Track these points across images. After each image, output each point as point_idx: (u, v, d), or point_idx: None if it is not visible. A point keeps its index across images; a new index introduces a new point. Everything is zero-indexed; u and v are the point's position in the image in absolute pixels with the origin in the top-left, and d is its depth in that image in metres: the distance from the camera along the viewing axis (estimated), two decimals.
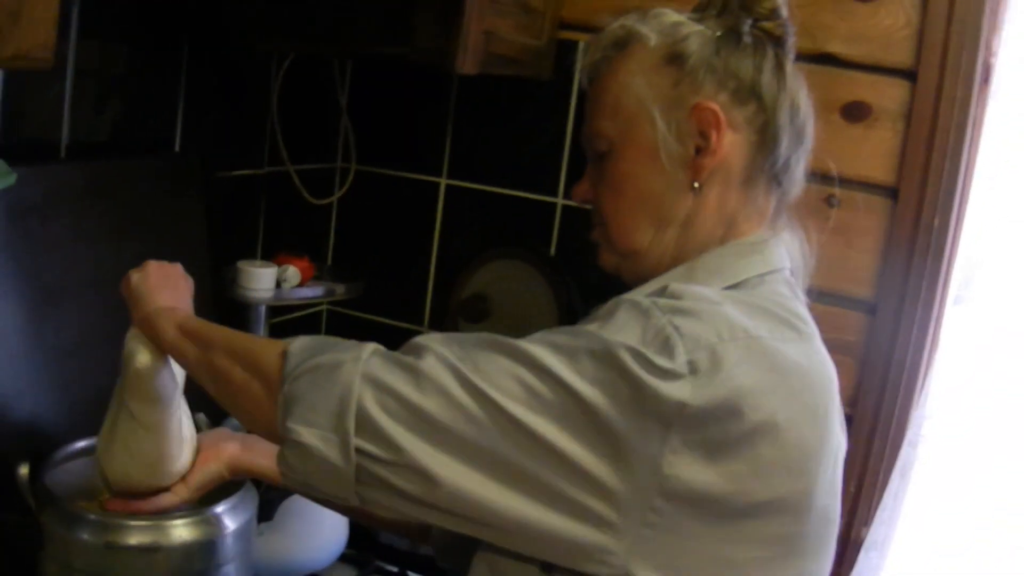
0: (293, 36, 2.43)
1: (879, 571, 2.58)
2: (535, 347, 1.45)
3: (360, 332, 3.09)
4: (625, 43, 1.75)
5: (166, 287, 1.89)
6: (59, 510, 1.82)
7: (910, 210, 2.52)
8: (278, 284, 2.72)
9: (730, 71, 1.68)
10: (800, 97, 1.74)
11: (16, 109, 2.15)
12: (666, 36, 1.72)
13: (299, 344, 1.55)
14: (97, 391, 2.14)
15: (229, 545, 1.90)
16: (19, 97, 2.14)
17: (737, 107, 1.68)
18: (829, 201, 2.59)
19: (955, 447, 2.63)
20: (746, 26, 1.71)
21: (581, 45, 1.76)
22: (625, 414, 1.38)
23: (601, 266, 1.79)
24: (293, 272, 2.74)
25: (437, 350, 1.46)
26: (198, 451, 1.94)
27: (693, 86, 1.68)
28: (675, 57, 1.70)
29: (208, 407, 1.95)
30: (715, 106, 1.66)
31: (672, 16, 1.74)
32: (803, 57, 2.49)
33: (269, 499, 2.04)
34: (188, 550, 1.86)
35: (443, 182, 3.07)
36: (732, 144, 1.68)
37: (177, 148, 2.54)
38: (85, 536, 1.80)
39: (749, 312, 1.50)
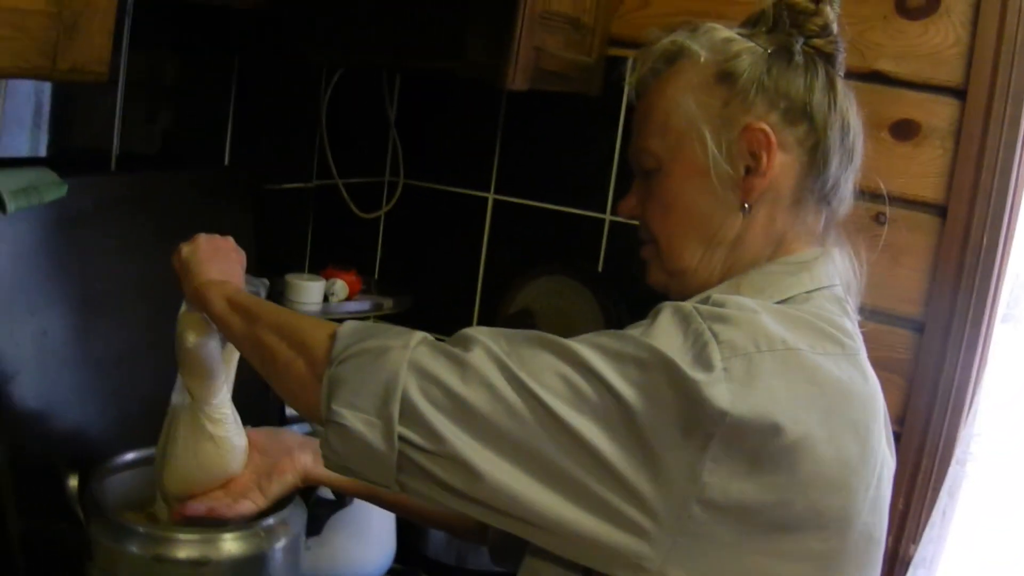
0: (344, 49, 2.44)
1: None
2: (582, 347, 1.45)
3: None
4: (674, 58, 1.74)
5: (216, 259, 1.90)
6: (108, 521, 1.83)
7: (959, 228, 2.51)
8: (326, 298, 2.73)
9: (781, 91, 1.67)
10: (851, 115, 1.72)
11: (68, 120, 2.18)
12: (716, 53, 1.70)
13: (348, 327, 1.56)
14: (145, 401, 2.16)
15: (278, 560, 1.90)
16: (71, 109, 2.17)
17: (788, 128, 1.67)
18: (878, 219, 2.59)
19: (1004, 465, 2.62)
20: (797, 44, 1.70)
21: (630, 61, 1.75)
22: (665, 420, 1.39)
23: (650, 284, 1.78)
24: (341, 286, 2.75)
25: (485, 342, 1.47)
26: (273, 463, 1.95)
27: (744, 106, 1.67)
28: (726, 76, 1.68)
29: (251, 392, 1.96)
30: (766, 127, 1.65)
31: (723, 32, 1.73)
32: (852, 75, 2.49)
33: (317, 514, 2.04)
34: (237, 564, 1.86)
35: (491, 197, 3.08)
36: (782, 165, 1.66)
37: (226, 161, 2.55)
38: (134, 548, 1.80)
39: (790, 324, 1.50)
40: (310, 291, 2.67)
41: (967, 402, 2.58)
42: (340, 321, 2.63)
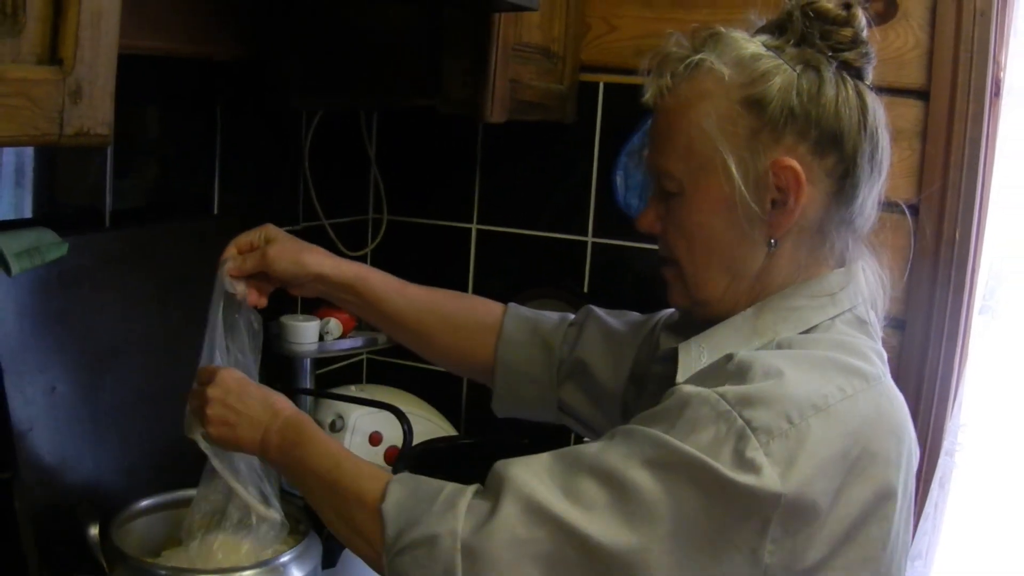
0: (324, 93, 2.47)
1: None
2: (621, 462, 1.45)
3: (401, 379, 3.14)
4: (696, 74, 1.65)
5: (243, 397, 1.87)
6: (129, 567, 1.87)
7: (931, 225, 2.56)
8: (321, 337, 2.76)
9: (812, 119, 1.59)
10: (880, 130, 1.66)
11: (60, 180, 2.21)
12: (743, 72, 1.62)
13: (392, 504, 1.58)
14: (154, 448, 2.21)
15: None
16: (62, 168, 2.21)
17: (817, 159, 1.60)
18: None
19: (991, 453, 2.66)
20: (828, 61, 1.62)
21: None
22: (719, 523, 1.41)
23: (673, 305, 1.77)
24: (335, 324, 2.79)
25: (520, 489, 1.49)
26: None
27: (773, 136, 1.59)
28: (755, 103, 1.60)
29: None
30: (796, 164, 1.58)
31: (747, 46, 1.65)
32: None
33: (331, 546, 2.08)
34: None
35: (474, 227, 3.11)
36: (810, 198, 1.60)
37: (215, 209, 2.59)
38: None
39: (816, 371, 1.50)
40: (306, 331, 2.70)
41: (952, 394, 2.62)
42: (334, 360, 2.67)
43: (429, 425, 2.94)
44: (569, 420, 2.09)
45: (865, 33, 1.66)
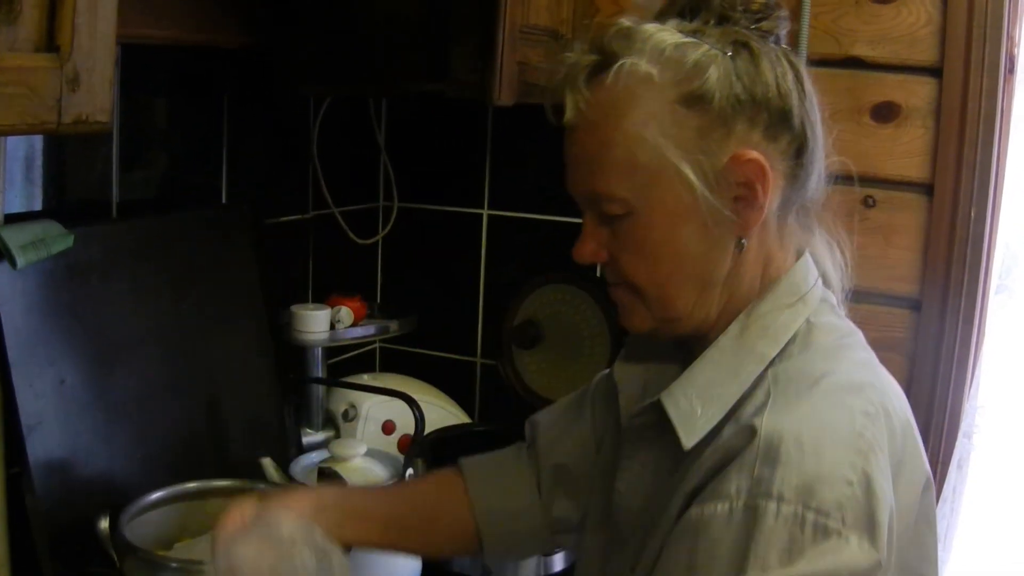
0: (331, 80, 2.46)
1: (944, 564, 2.59)
2: None
3: (414, 367, 3.13)
4: (616, 79, 1.51)
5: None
6: (140, 560, 1.87)
7: (946, 204, 2.54)
8: (332, 325, 2.75)
9: (757, 101, 1.50)
10: (814, 95, 1.58)
11: (66, 172, 2.21)
12: (672, 68, 1.49)
13: None
14: (164, 440, 2.21)
15: None
16: (68, 160, 2.20)
17: (772, 143, 1.52)
18: (866, 202, 2.62)
19: (1010, 434, 2.65)
20: (755, 36, 1.52)
21: (550, 81, 1.66)
22: None
23: (631, 329, 1.63)
24: (346, 312, 2.78)
25: None
26: None
27: (723, 130, 1.49)
28: (696, 99, 1.48)
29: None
30: (757, 155, 1.49)
31: (665, 36, 1.51)
32: (829, 62, 2.54)
33: None
34: None
35: (485, 213, 3.10)
36: (773, 185, 1.52)
37: (224, 199, 2.58)
38: None
39: (835, 409, 1.43)
40: (317, 320, 2.69)
41: (968, 375, 2.61)
42: (345, 349, 2.65)
43: (442, 413, 2.92)
44: (562, 538, 1.99)
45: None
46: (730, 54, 1.50)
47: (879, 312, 2.64)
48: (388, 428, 2.82)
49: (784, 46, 1.57)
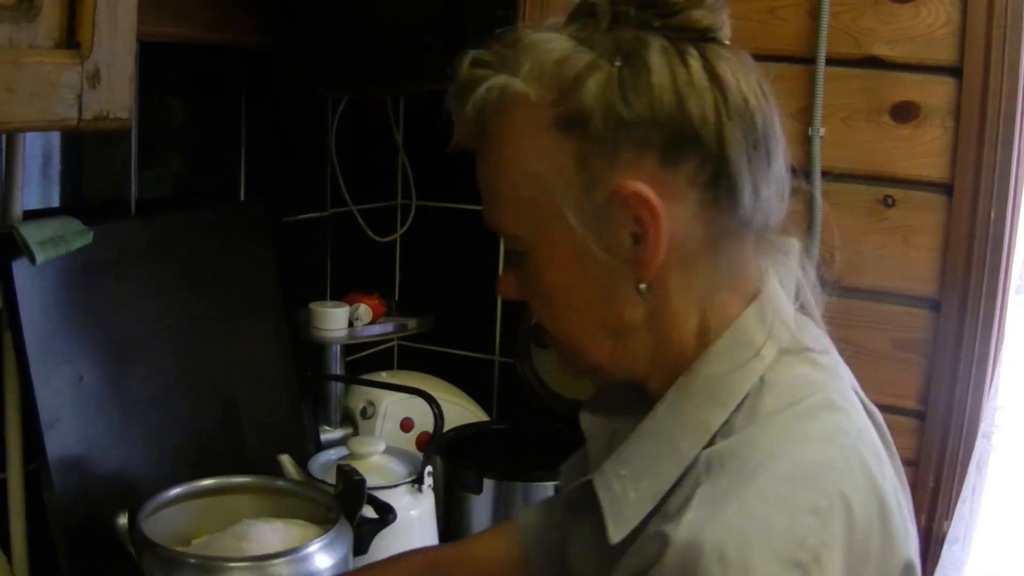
0: (350, 79, 2.46)
1: (963, 565, 2.58)
2: None
3: (432, 364, 3.13)
4: (502, 101, 1.34)
5: None
6: (159, 556, 1.87)
7: (966, 204, 2.53)
8: (350, 323, 2.75)
9: (652, 117, 1.27)
10: (751, 95, 1.33)
11: (85, 169, 2.21)
12: (551, 84, 1.30)
13: None
14: (181, 438, 2.21)
15: None
16: (87, 157, 2.21)
17: (672, 167, 1.29)
18: (885, 202, 2.61)
19: None
20: (651, 37, 1.30)
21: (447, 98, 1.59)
22: None
23: (565, 373, 1.53)
24: (365, 310, 2.77)
25: None
26: None
27: (605, 158, 1.28)
28: (571, 120, 1.29)
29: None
30: (640, 187, 1.27)
31: (554, 46, 1.32)
32: (848, 62, 2.53)
33: (362, 534, 2.07)
34: None
35: None
36: (677, 218, 1.30)
37: (242, 197, 2.59)
38: None
39: (785, 497, 1.22)
40: (335, 318, 2.69)
41: (988, 375, 2.60)
42: (364, 347, 2.66)
43: (460, 411, 2.92)
44: None
45: None
46: (618, 64, 1.29)
47: (898, 312, 2.63)
48: (406, 426, 2.82)
49: (725, 43, 1.36)
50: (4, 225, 1.94)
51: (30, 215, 2.00)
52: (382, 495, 2.19)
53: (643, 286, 1.33)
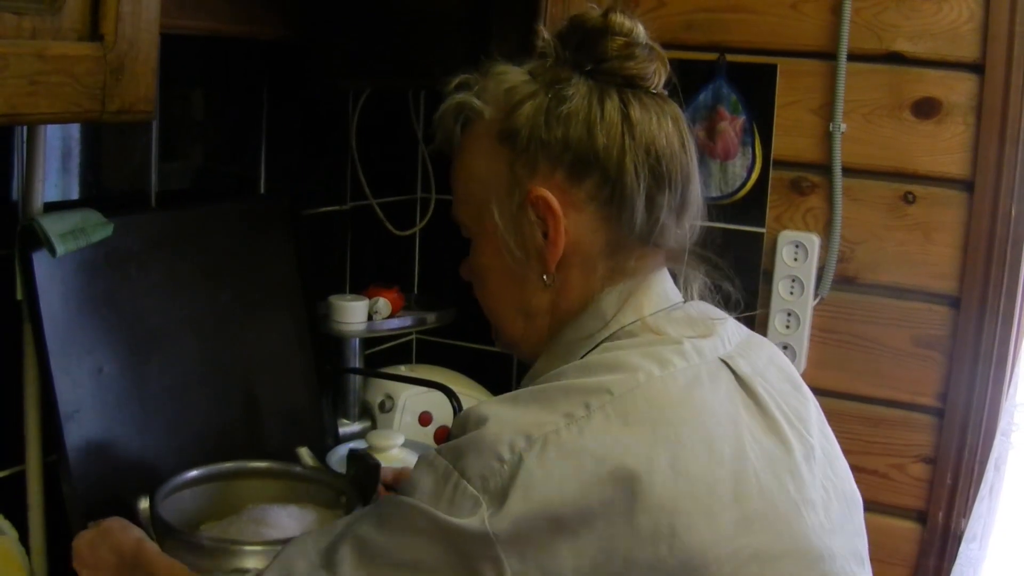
0: (371, 72, 2.47)
1: (980, 563, 2.58)
2: (364, 525, 1.45)
3: (451, 358, 3.14)
4: (468, 117, 1.66)
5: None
6: (181, 540, 1.87)
7: (987, 202, 2.53)
8: (370, 316, 2.75)
9: (564, 141, 1.54)
10: (661, 138, 1.57)
11: (105, 161, 2.22)
12: (500, 106, 1.60)
13: None
14: (202, 429, 2.22)
15: None
16: (108, 150, 2.22)
17: (576, 183, 1.55)
18: (906, 198, 2.61)
19: None
20: (578, 77, 1.57)
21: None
22: (451, 563, 1.36)
23: (496, 347, 1.76)
24: (384, 304, 2.78)
25: (283, 564, 1.49)
26: None
27: (527, 168, 1.56)
28: (508, 136, 1.57)
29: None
30: (546, 193, 1.54)
31: (508, 77, 1.62)
32: (870, 57, 2.53)
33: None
34: None
35: None
36: (578, 225, 1.56)
37: (263, 190, 2.59)
38: (206, 562, 1.84)
39: (535, 404, 1.42)
40: (354, 311, 2.69)
41: (1007, 373, 2.60)
42: (383, 340, 2.67)
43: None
44: None
45: (640, 37, 1.60)
46: (550, 96, 1.56)
47: (918, 309, 2.63)
48: (424, 419, 2.82)
49: (648, 89, 1.60)
50: (25, 217, 1.95)
51: (51, 207, 2.00)
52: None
53: (546, 277, 1.59)
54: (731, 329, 1.66)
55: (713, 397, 1.50)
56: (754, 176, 2.77)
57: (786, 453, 1.53)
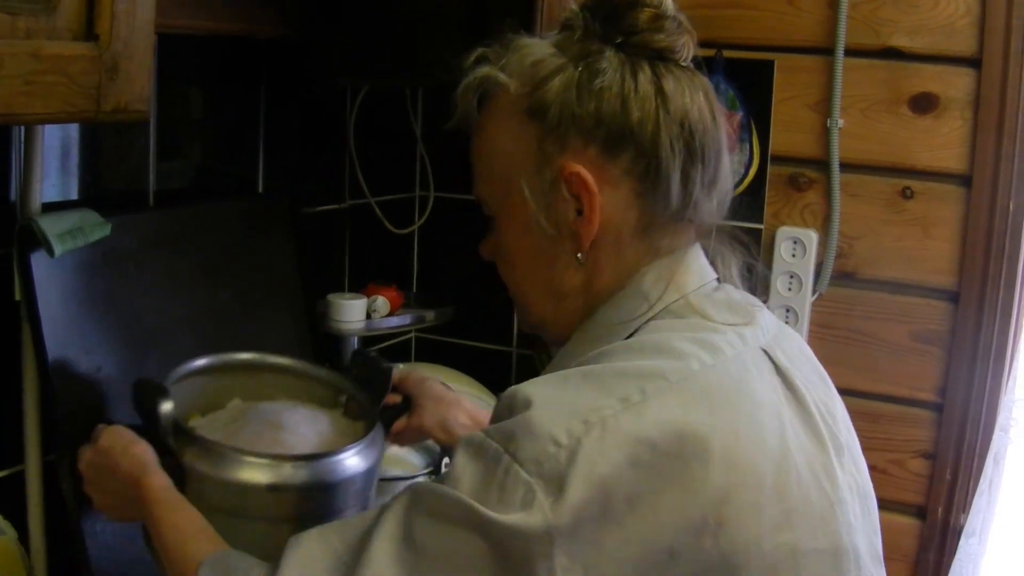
0: (370, 70, 2.46)
1: (980, 558, 2.58)
2: (400, 521, 1.39)
3: (450, 357, 3.13)
4: (487, 91, 1.62)
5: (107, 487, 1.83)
6: (205, 450, 1.80)
7: (984, 196, 2.53)
8: (368, 315, 2.75)
9: (597, 116, 1.50)
10: (694, 111, 1.54)
11: (105, 161, 2.21)
12: (526, 80, 1.56)
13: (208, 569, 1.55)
14: None
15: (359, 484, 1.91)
16: (105, 149, 2.21)
17: (611, 159, 1.51)
18: (904, 193, 2.61)
19: None
20: (609, 50, 1.53)
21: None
22: (500, 561, 1.32)
23: (523, 329, 1.73)
24: (382, 302, 2.78)
25: (304, 560, 1.43)
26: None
27: (558, 143, 1.52)
28: (536, 110, 1.53)
29: None
30: (580, 169, 1.50)
31: (535, 50, 1.57)
32: (867, 52, 2.52)
33: (383, 420, 2.05)
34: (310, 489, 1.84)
35: None
36: (613, 202, 1.52)
37: (261, 189, 2.58)
38: (226, 474, 1.79)
39: (590, 386, 1.38)
40: (353, 309, 2.69)
41: (1006, 368, 2.60)
42: (381, 338, 2.66)
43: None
44: None
45: (671, 20, 1.55)
46: (580, 69, 1.53)
47: (916, 304, 2.63)
48: None
49: (680, 63, 1.57)
50: (23, 217, 1.94)
51: (49, 207, 2.00)
52: (401, 487, 2.18)
53: (580, 255, 1.55)
54: (768, 317, 1.64)
55: (760, 387, 1.49)
56: (752, 172, 2.77)
57: (821, 449, 1.52)
